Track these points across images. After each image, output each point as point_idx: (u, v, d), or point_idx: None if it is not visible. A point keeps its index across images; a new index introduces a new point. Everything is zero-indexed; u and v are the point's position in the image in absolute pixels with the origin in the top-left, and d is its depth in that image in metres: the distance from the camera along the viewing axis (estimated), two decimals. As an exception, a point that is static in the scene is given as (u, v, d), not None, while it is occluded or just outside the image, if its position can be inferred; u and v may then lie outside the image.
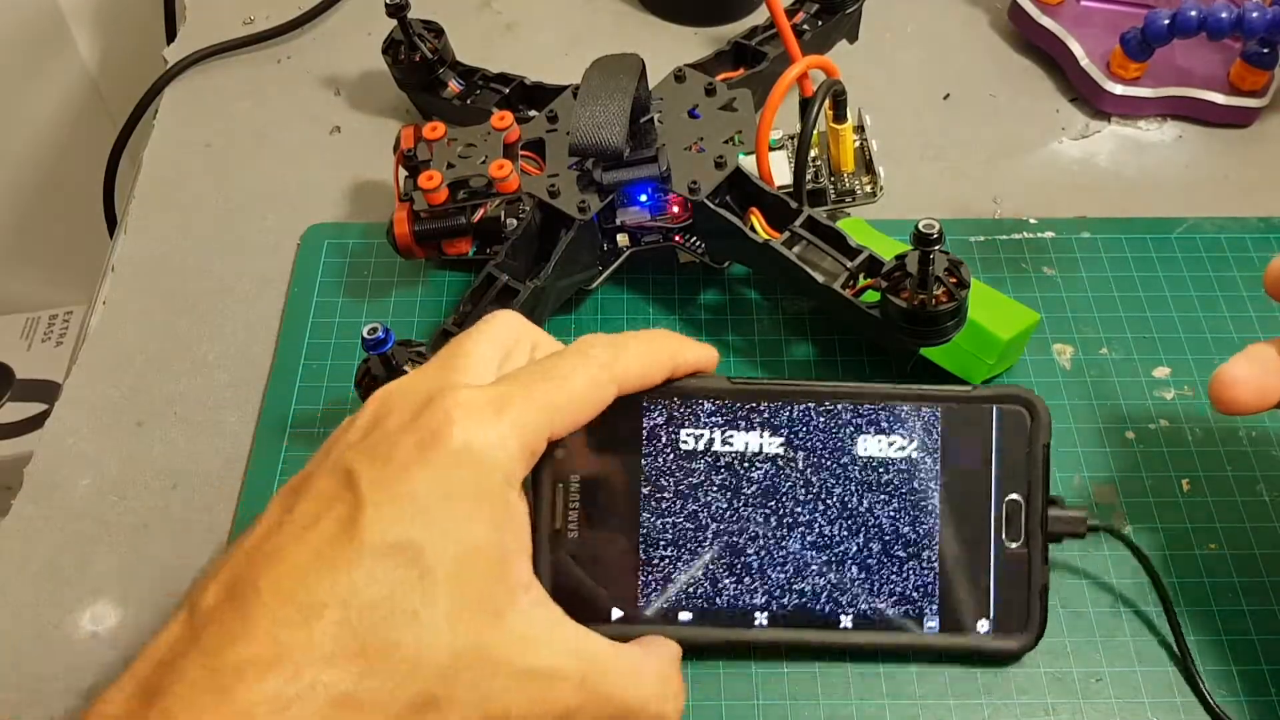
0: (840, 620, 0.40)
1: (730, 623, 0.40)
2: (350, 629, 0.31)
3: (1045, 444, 0.40)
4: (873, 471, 0.40)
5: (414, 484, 0.33)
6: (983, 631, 0.40)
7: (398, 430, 0.34)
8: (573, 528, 0.40)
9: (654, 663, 0.38)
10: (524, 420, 0.35)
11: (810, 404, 0.41)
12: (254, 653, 0.30)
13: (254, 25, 0.67)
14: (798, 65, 0.48)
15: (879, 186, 0.51)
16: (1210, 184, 0.58)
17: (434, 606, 0.32)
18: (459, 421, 0.34)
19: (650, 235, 0.51)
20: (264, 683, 0.30)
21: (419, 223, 0.50)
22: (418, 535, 0.33)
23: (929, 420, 0.41)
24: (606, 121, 0.47)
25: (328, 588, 0.32)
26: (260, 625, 0.31)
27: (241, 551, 0.33)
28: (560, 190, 0.50)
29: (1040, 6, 0.62)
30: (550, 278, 0.48)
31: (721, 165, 0.49)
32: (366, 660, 0.31)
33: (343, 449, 0.35)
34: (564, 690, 0.34)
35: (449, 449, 0.34)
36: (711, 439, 0.41)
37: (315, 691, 0.30)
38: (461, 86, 0.58)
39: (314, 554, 0.32)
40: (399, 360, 0.44)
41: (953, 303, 0.42)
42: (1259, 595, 0.44)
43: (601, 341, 0.38)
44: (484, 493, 0.34)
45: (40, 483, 0.49)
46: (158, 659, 0.32)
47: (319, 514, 0.33)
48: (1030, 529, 0.40)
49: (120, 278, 0.56)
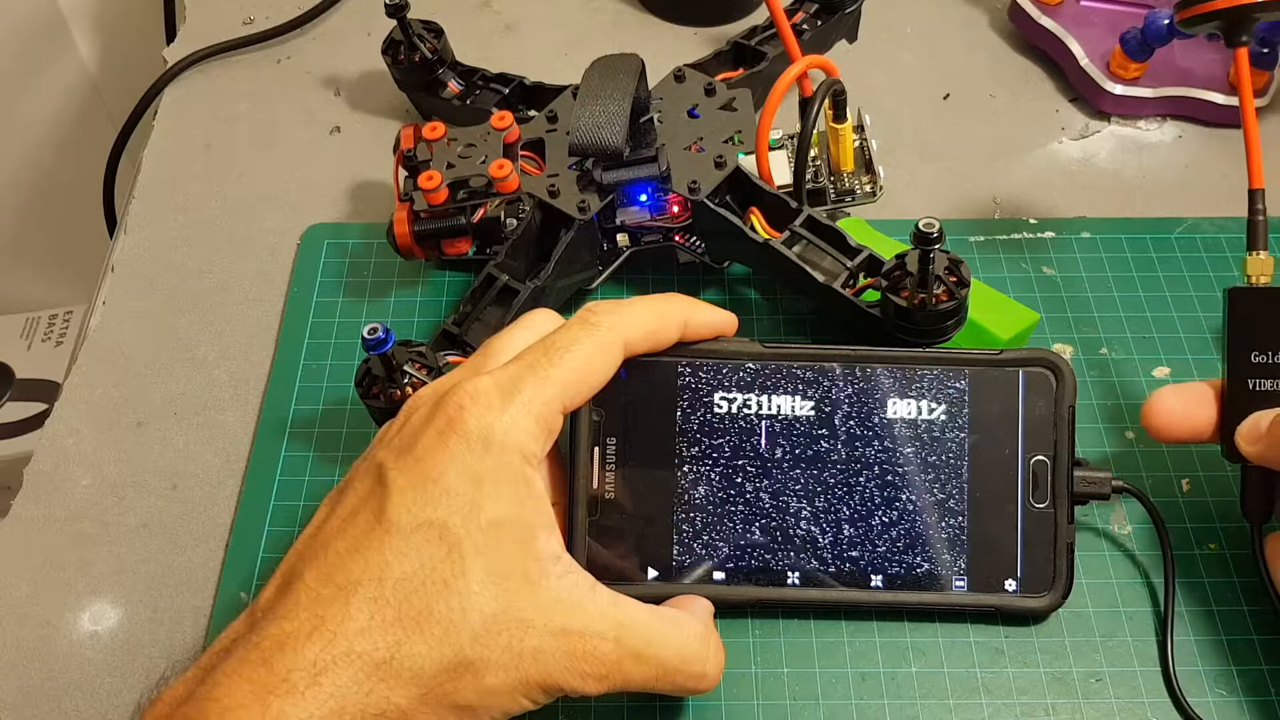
0: (871, 579, 0.41)
1: (762, 581, 0.41)
2: (385, 601, 0.33)
3: (1071, 406, 0.42)
4: (902, 433, 0.42)
5: (435, 469, 0.35)
6: (1010, 590, 0.41)
7: (420, 424, 0.37)
8: (609, 489, 0.41)
9: (692, 623, 0.38)
10: (534, 398, 0.37)
11: (841, 368, 0.42)
12: (294, 627, 0.33)
13: (254, 25, 0.67)
14: (797, 65, 0.48)
15: (879, 186, 0.51)
16: (1210, 184, 0.58)
17: (465, 576, 0.34)
18: (470, 408, 0.36)
19: (650, 235, 0.51)
20: (301, 652, 0.32)
21: (419, 223, 0.50)
22: (442, 514, 0.35)
23: (957, 383, 0.42)
24: (607, 121, 0.47)
25: (362, 567, 0.34)
26: (301, 604, 0.34)
27: (295, 551, 0.36)
28: (560, 190, 0.50)
29: (1040, 6, 0.62)
30: (550, 278, 0.48)
31: (721, 165, 0.49)
32: (402, 628, 0.33)
33: (378, 449, 0.38)
34: (601, 649, 0.35)
35: (465, 434, 0.36)
36: (744, 402, 0.42)
37: (351, 659, 0.33)
38: (461, 87, 0.58)
39: (351, 543, 0.35)
40: (399, 360, 0.44)
41: (953, 301, 0.42)
42: (1259, 595, 0.44)
43: (604, 306, 0.39)
44: (503, 472, 0.36)
45: (40, 483, 0.49)
46: (219, 649, 0.34)
47: (356, 508, 0.36)
48: (1056, 489, 0.41)
49: (120, 278, 0.56)
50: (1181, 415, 0.42)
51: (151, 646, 0.44)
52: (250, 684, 0.32)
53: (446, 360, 0.46)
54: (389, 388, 0.44)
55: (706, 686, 0.38)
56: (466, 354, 0.46)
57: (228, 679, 0.32)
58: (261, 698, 0.32)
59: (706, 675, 0.38)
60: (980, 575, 0.41)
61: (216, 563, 0.46)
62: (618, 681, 0.36)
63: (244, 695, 0.32)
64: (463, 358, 0.46)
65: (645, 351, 0.41)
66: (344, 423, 0.49)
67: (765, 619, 0.43)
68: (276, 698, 0.32)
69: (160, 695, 0.34)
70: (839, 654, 0.43)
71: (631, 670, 0.36)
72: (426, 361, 0.44)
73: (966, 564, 0.41)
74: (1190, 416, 0.42)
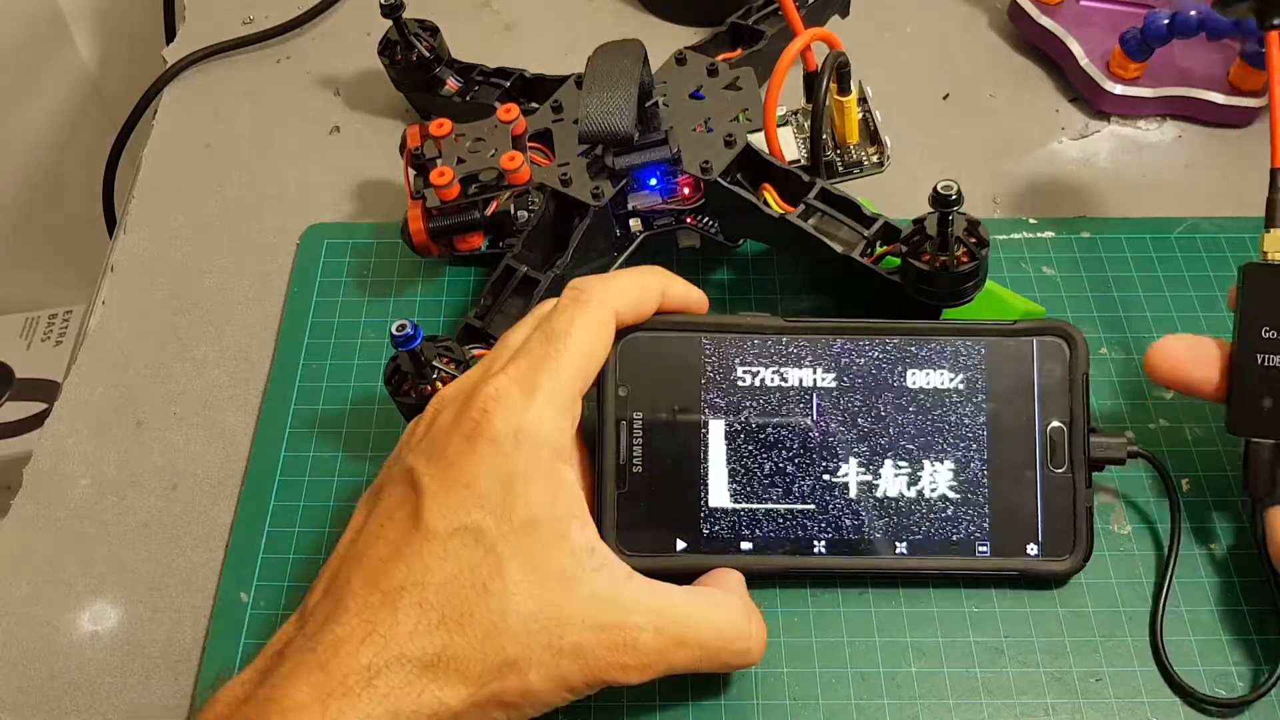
0: (896, 546, 0.42)
1: (789, 550, 0.42)
2: (429, 605, 0.35)
3: (1084, 373, 0.43)
4: (922, 403, 0.43)
5: (466, 473, 0.36)
6: (1032, 554, 0.42)
7: (448, 427, 0.38)
8: (637, 464, 0.42)
9: (730, 600, 0.39)
10: (553, 390, 0.38)
11: (861, 340, 0.43)
12: (347, 632, 0.34)
13: (254, 25, 0.67)
14: (801, 38, 0.48)
15: (886, 156, 0.51)
16: (1210, 184, 0.58)
17: (501, 578, 0.35)
18: (494, 410, 0.37)
19: (662, 219, 0.51)
20: (356, 656, 0.34)
21: (433, 220, 0.50)
22: (476, 518, 0.36)
23: (974, 353, 0.43)
24: (615, 108, 0.47)
25: (404, 573, 0.35)
26: (351, 609, 0.35)
27: (337, 556, 0.38)
28: (572, 178, 0.50)
29: (1040, 6, 0.62)
30: (569, 266, 0.48)
31: (731, 144, 0.49)
32: (447, 631, 0.35)
33: (407, 451, 0.39)
34: (641, 639, 0.36)
35: (493, 437, 0.37)
36: (768, 375, 0.43)
37: (402, 662, 0.34)
38: (460, 84, 0.58)
39: (392, 548, 0.36)
40: (427, 356, 0.44)
41: (974, 262, 0.43)
42: (1259, 595, 0.44)
43: (589, 282, 0.40)
44: (533, 470, 0.37)
45: (40, 483, 0.49)
46: (272, 652, 0.36)
47: (392, 512, 0.37)
48: (1074, 454, 0.42)
49: (120, 278, 0.56)
50: (1183, 362, 0.43)
51: (151, 646, 0.44)
52: (309, 686, 0.33)
53: (473, 354, 0.46)
54: (419, 384, 0.44)
55: (751, 661, 0.39)
56: (491, 346, 0.46)
57: (286, 681, 0.34)
58: (320, 699, 0.33)
59: (750, 650, 0.39)
60: (1002, 540, 0.42)
61: (216, 563, 0.46)
62: (661, 669, 0.37)
63: (303, 696, 0.33)
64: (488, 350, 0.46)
65: (630, 322, 0.42)
66: (344, 422, 0.49)
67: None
68: (335, 699, 0.33)
69: (218, 696, 0.35)
70: (839, 654, 0.43)
71: (674, 656, 0.37)
72: (454, 356, 0.45)
73: (989, 530, 0.42)
74: (1191, 366, 0.43)
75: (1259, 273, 0.43)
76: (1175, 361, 0.43)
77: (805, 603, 0.44)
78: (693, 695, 0.42)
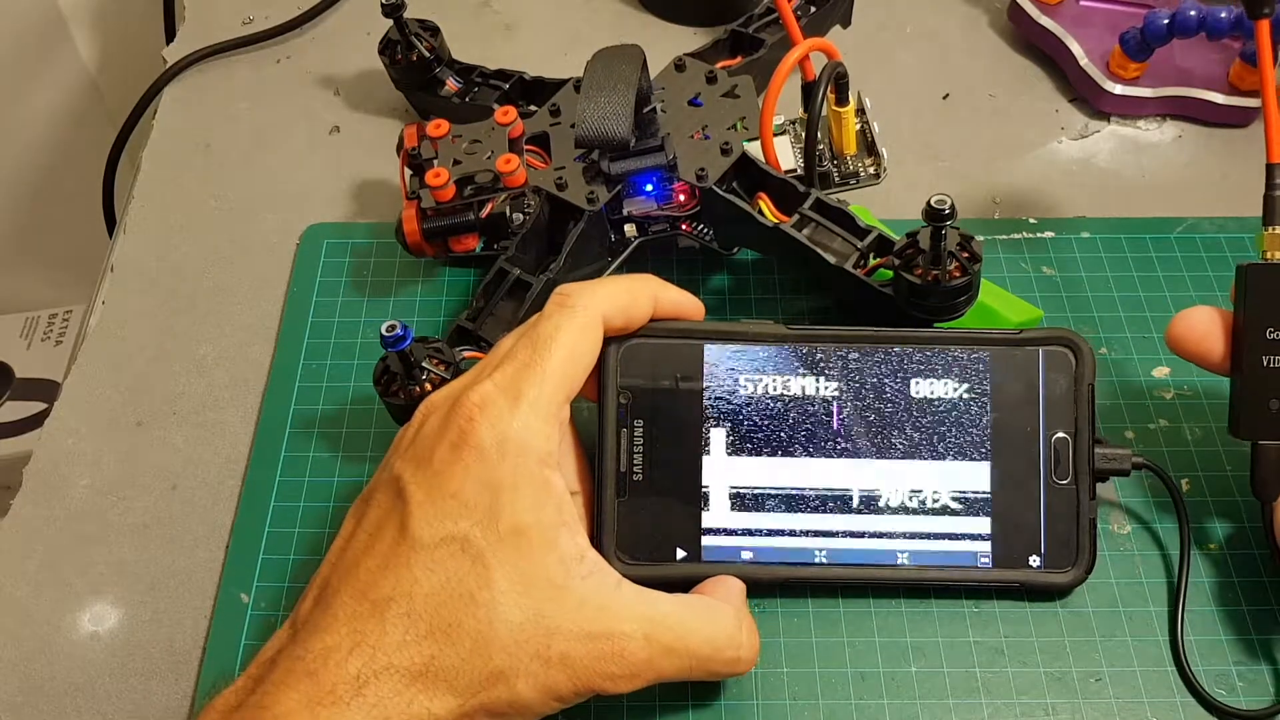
0: (897, 556, 0.42)
1: (790, 560, 0.42)
2: (417, 616, 0.35)
3: (1090, 384, 0.42)
4: (925, 412, 0.42)
5: (452, 483, 0.36)
6: (1034, 566, 0.42)
7: (434, 435, 0.37)
8: (638, 471, 0.42)
9: (722, 609, 0.39)
10: (539, 397, 0.37)
11: (863, 348, 0.42)
12: (336, 641, 0.34)
13: (253, 25, 0.67)
14: (799, 48, 0.48)
15: (882, 168, 0.51)
16: (1210, 184, 0.58)
17: (489, 588, 0.35)
18: (479, 419, 0.37)
19: (658, 225, 0.51)
20: (345, 666, 0.34)
21: (428, 220, 0.50)
22: (463, 528, 0.36)
23: (978, 363, 0.42)
24: (612, 112, 0.47)
25: (392, 584, 0.35)
26: (340, 619, 0.35)
27: (328, 564, 0.37)
28: (568, 182, 0.50)
29: (1040, 6, 0.62)
30: (562, 270, 0.48)
31: (728, 152, 0.49)
32: (435, 642, 0.35)
33: (396, 458, 0.38)
34: (629, 648, 0.36)
35: (478, 446, 0.36)
36: (770, 383, 0.42)
37: (391, 672, 0.34)
38: (460, 84, 0.58)
39: (380, 558, 0.36)
40: (417, 357, 0.44)
41: (966, 277, 0.43)
42: (1259, 595, 0.44)
43: (575, 288, 0.40)
44: (520, 478, 0.36)
45: (40, 483, 0.49)
46: (265, 659, 0.36)
47: (380, 522, 0.37)
48: (1078, 466, 0.42)
49: (120, 278, 0.56)
50: (1202, 335, 0.42)
51: (151, 647, 0.44)
52: (299, 694, 0.34)
53: (463, 356, 0.46)
54: (408, 384, 0.44)
55: (742, 670, 0.39)
56: (482, 349, 0.47)
57: (276, 689, 0.34)
58: (310, 708, 0.33)
59: (741, 659, 0.38)
60: (1005, 551, 0.42)
61: (216, 563, 0.46)
62: (650, 678, 0.36)
63: (293, 704, 0.33)
64: (479, 353, 0.46)
65: (621, 328, 0.41)
66: (344, 422, 0.49)
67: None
68: (324, 708, 0.33)
69: (213, 703, 0.35)
70: (839, 654, 0.43)
71: (663, 665, 0.36)
72: (444, 357, 0.45)
73: (991, 540, 0.42)
74: (1208, 340, 0.42)
75: (1261, 273, 0.42)
76: (1201, 335, 0.42)
77: (805, 603, 0.44)
78: (693, 695, 0.42)
